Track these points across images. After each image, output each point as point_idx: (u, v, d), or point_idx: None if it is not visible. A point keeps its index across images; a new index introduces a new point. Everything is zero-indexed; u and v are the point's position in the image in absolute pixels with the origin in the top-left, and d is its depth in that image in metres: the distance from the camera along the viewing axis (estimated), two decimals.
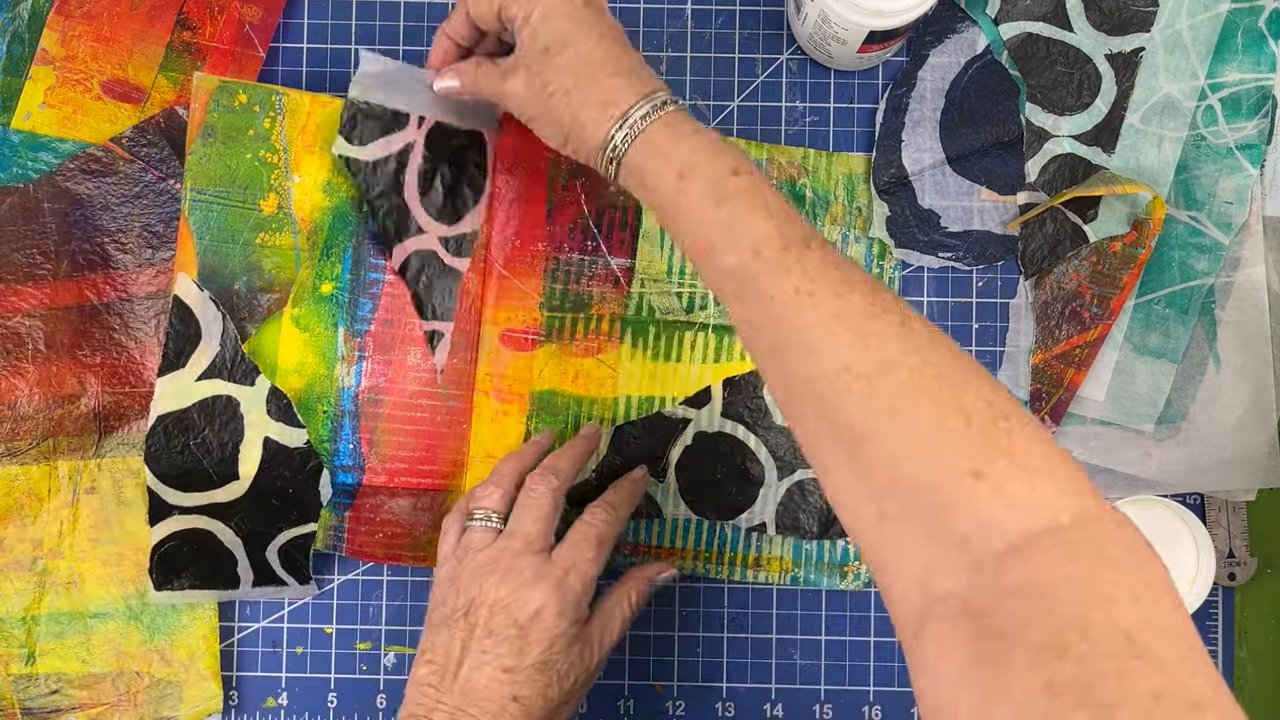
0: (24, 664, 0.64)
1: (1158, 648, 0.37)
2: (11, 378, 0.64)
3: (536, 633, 0.55)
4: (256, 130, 0.63)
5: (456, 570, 0.57)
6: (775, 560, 0.66)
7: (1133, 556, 0.40)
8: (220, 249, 0.63)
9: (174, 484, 0.63)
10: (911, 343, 0.45)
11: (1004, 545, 0.40)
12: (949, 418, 0.43)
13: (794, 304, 0.46)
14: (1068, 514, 0.41)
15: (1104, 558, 0.40)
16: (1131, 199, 0.65)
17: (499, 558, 0.56)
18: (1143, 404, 0.66)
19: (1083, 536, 0.40)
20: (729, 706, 0.67)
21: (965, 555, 0.41)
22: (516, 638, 0.54)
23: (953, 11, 0.67)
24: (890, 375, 0.44)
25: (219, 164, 0.63)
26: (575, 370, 0.66)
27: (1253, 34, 0.66)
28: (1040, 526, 0.40)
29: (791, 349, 0.46)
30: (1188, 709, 0.35)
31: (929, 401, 0.43)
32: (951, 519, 0.42)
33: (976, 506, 0.41)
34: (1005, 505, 0.41)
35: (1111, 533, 0.41)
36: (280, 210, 0.63)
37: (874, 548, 0.45)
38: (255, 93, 0.63)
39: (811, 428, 0.46)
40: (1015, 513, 0.41)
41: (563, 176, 0.66)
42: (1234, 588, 0.67)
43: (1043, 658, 0.37)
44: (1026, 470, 0.41)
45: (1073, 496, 0.41)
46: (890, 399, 0.44)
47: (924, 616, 0.42)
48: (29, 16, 0.64)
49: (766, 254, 0.48)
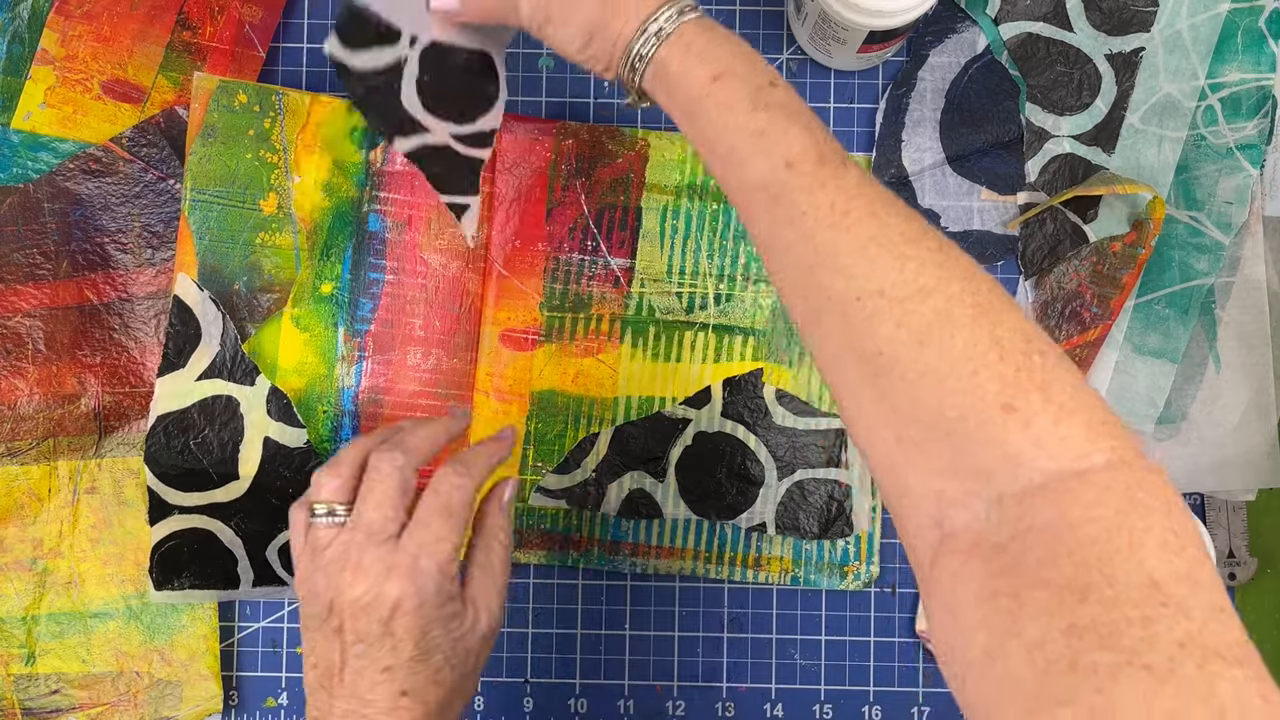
0: (24, 664, 0.64)
1: (1184, 597, 0.36)
2: (11, 378, 0.64)
3: (402, 628, 0.50)
4: (256, 130, 0.63)
5: (310, 572, 0.52)
6: (775, 560, 0.66)
7: (1163, 505, 0.39)
8: (220, 249, 0.63)
9: (174, 484, 0.63)
10: (950, 270, 0.43)
11: (1029, 482, 0.39)
12: (984, 348, 0.41)
13: (828, 222, 0.44)
14: (1101, 455, 0.39)
15: (1134, 503, 0.39)
16: (1131, 199, 0.65)
17: (347, 553, 0.51)
18: (1143, 404, 0.66)
19: (1114, 480, 0.39)
20: (729, 706, 0.67)
21: (988, 488, 0.40)
22: (384, 635, 0.50)
23: (953, 11, 0.67)
24: (926, 301, 0.42)
25: (219, 164, 0.63)
26: (575, 370, 0.66)
27: (1253, 34, 0.66)
28: (1070, 467, 0.39)
29: (822, 268, 0.44)
30: (1213, 658, 0.35)
31: (963, 330, 0.42)
32: (976, 451, 0.40)
33: (1005, 440, 0.40)
34: (1034, 441, 0.40)
35: (1143, 479, 0.39)
36: (280, 210, 0.63)
37: (889, 473, 0.43)
38: (255, 93, 0.63)
39: (832, 349, 0.45)
40: (1044, 450, 0.39)
41: (563, 177, 0.66)
42: (1234, 588, 0.67)
43: (1064, 599, 0.36)
44: (1061, 408, 0.40)
45: (1106, 439, 0.40)
46: (923, 325, 0.42)
47: (938, 551, 0.41)
48: (29, 16, 0.65)
49: (803, 166, 0.45)
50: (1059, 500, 0.39)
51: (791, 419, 0.66)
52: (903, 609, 0.67)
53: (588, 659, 0.67)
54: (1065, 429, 0.40)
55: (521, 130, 0.65)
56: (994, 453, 0.40)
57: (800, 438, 0.66)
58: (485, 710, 0.67)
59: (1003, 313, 0.43)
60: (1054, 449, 0.39)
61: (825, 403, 0.66)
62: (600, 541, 0.66)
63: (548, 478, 0.66)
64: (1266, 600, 0.67)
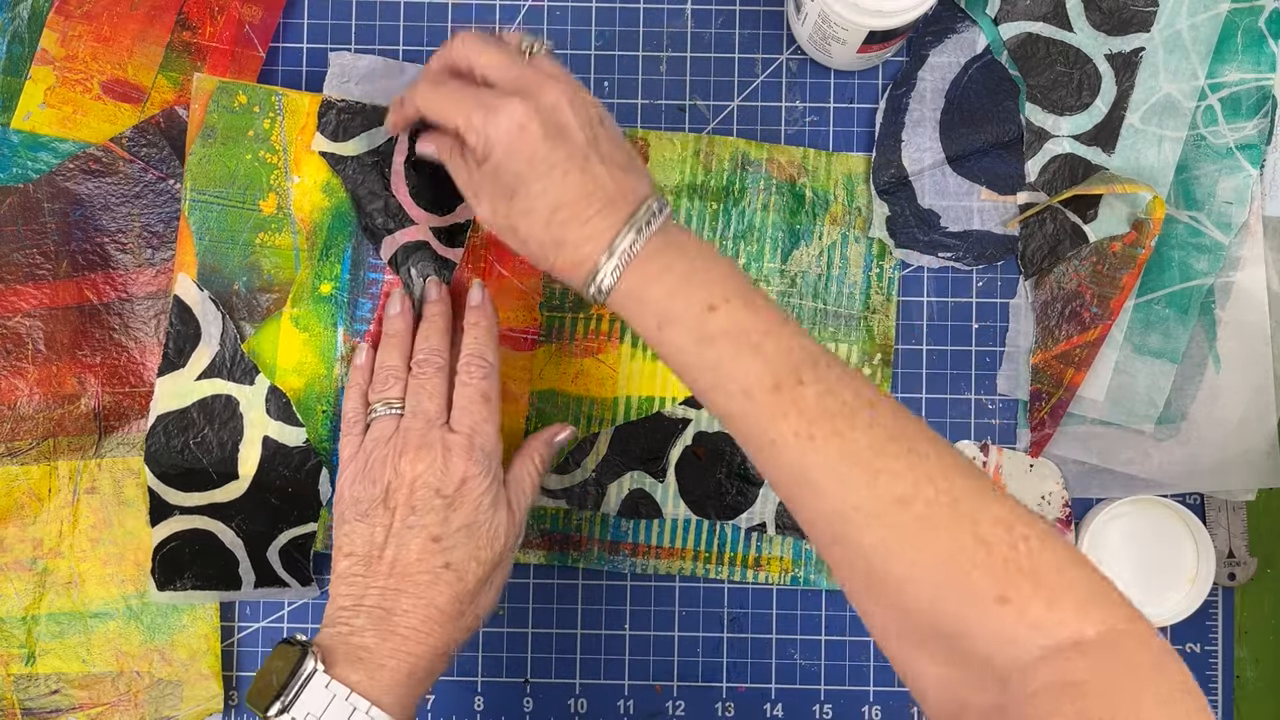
0: (24, 664, 0.64)
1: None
2: (11, 378, 0.64)
3: (461, 497, 0.55)
4: (256, 131, 0.63)
5: (367, 463, 0.57)
6: (775, 560, 0.66)
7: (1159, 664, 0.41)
8: (220, 249, 0.63)
9: (174, 484, 0.63)
10: (922, 471, 0.45)
11: (1029, 658, 0.41)
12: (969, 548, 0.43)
13: (795, 447, 0.46)
14: (1093, 628, 0.41)
15: (1131, 665, 0.41)
16: (1131, 199, 0.65)
17: (407, 439, 0.56)
18: (1143, 404, 0.66)
19: (1108, 648, 0.41)
20: (729, 706, 0.67)
21: (991, 673, 0.42)
22: (442, 507, 0.55)
23: (953, 11, 0.67)
24: (905, 511, 0.44)
25: (219, 164, 0.63)
26: (575, 370, 0.66)
27: (1253, 34, 0.66)
28: (1067, 639, 0.41)
29: (802, 487, 0.47)
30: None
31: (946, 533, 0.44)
32: (975, 642, 0.42)
33: (1002, 629, 0.42)
34: (1030, 625, 0.42)
35: (1138, 645, 0.41)
36: (280, 210, 0.63)
37: (901, 664, 0.46)
38: (255, 93, 0.63)
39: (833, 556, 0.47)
40: (1040, 631, 0.42)
41: None
42: (1234, 588, 0.67)
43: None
44: (1052, 590, 0.42)
45: (1097, 611, 0.42)
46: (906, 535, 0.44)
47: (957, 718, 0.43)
48: (29, 16, 0.64)
49: (759, 396, 0.47)
50: (1059, 668, 0.41)
51: None
52: None
53: (588, 659, 0.67)
54: (1058, 611, 0.42)
55: None
56: (993, 641, 0.42)
57: None
58: (485, 710, 0.67)
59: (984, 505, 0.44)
60: (1050, 629, 0.42)
61: None
62: (600, 541, 0.66)
63: (548, 477, 0.66)
64: (1266, 600, 0.67)
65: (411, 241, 0.64)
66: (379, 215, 0.63)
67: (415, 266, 0.63)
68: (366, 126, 0.63)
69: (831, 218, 0.67)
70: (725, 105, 0.68)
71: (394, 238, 0.64)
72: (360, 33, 0.68)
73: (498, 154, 0.52)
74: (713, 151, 0.66)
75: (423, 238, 0.64)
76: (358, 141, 0.63)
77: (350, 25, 0.68)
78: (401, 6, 0.68)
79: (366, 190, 0.63)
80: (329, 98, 0.63)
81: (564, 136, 0.51)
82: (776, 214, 0.66)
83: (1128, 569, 0.65)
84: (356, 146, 0.63)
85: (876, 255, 0.67)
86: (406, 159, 0.63)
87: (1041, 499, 0.66)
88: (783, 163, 0.67)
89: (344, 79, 0.63)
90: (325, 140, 0.63)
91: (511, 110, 0.51)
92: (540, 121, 0.51)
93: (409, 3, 0.68)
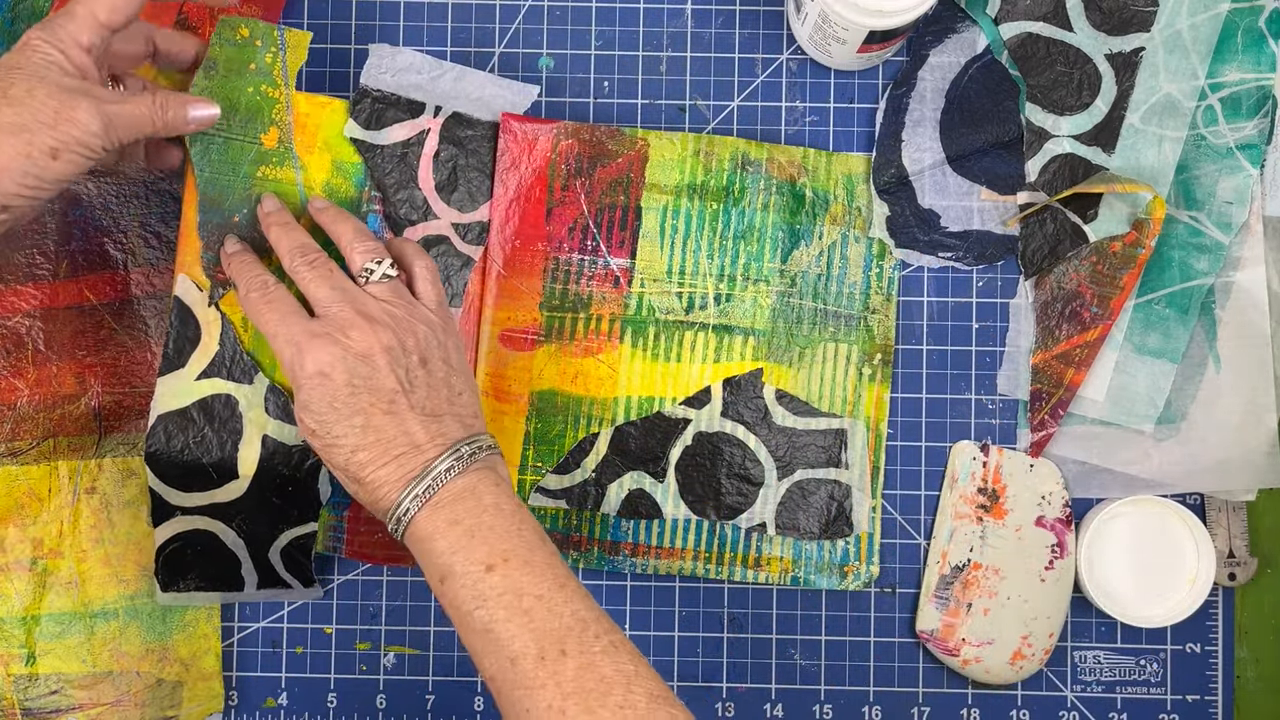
0: (24, 664, 0.64)
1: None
2: (11, 378, 0.64)
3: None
4: (258, 64, 0.63)
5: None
6: (775, 560, 0.66)
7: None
8: (221, 181, 0.62)
9: (175, 484, 0.63)
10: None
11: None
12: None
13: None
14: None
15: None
16: (1131, 199, 0.65)
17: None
18: (1143, 404, 0.66)
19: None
20: (729, 706, 0.67)
21: None
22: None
23: (953, 11, 0.67)
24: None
25: (220, 97, 0.62)
26: (575, 370, 0.66)
27: (1253, 34, 0.66)
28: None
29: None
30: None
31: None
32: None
33: None
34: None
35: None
36: (281, 144, 0.63)
37: None
38: (257, 27, 0.63)
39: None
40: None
41: (562, 177, 0.66)
42: (1234, 588, 0.67)
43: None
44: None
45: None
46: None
47: None
48: (28, 16, 0.64)
49: (523, 665, 0.49)
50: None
51: (791, 419, 0.66)
52: (903, 609, 0.67)
53: None
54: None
55: (521, 130, 0.65)
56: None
57: (800, 438, 0.66)
58: (485, 710, 0.67)
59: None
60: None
61: (825, 403, 0.66)
62: (600, 541, 0.66)
63: (548, 478, 0.66)
64: (1266, 600, 0.67)
65: (432, 235, 0.64)
66: (403, 206, 0.64)
67: (434, 260, 0.64)
68: (399, 118, 0.64)
69: (831, 218, 0.67)
70: (725, 105, 0.68)
71: (415, 230, 0.65)
72: (360, 32, 0.68)
73: (302, 394, 0.54)
74: (713, 151, 0.66)
75: (444, 232, 0.65)
76: (389, 131, 0.64)
77: (350, 25, 0.68)
78: (401, 7, 0.68)
79: (394, 181, 0.64)
80: (365, 86, 0.64)
81: (370, 385, 0.54)
82: (776, 214, 0.66)
83: (1127, 569, 0.65)
84: (388, 136, 0.64)
85: (876, 255, 0.67)
86: (434, 154, 0.64)
87: (1041, 499, 0.66)
88: (783, 162, 0.67)
89: (381, 70, 0.65)
90: (358, 128, 0.64)
91: (317, 355, 0.53)
92: (346, 369, 0.53)
93: (409, 3, 0.68)
